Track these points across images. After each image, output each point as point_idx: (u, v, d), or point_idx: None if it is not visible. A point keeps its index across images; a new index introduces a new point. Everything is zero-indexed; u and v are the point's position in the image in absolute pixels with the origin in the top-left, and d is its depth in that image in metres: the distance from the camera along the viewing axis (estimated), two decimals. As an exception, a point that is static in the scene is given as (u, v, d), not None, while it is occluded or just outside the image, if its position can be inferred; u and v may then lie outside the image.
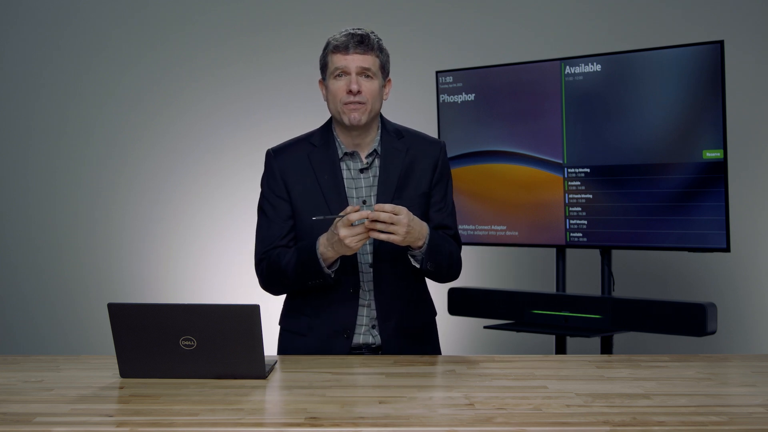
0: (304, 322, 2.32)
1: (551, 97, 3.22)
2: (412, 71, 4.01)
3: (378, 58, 2.25)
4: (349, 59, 2.22)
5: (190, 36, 4.15)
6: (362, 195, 2.30)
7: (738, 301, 3.84)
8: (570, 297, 3.20)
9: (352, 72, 2.22)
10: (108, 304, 1.93)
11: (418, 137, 2.38)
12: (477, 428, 1.56)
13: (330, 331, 2.28)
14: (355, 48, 2.22)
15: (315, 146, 2.33)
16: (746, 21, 3.84)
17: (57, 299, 4.16)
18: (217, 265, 4.06)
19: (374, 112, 2.27)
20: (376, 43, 2.25)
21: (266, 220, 2.33)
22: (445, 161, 2.38)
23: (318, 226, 2.19)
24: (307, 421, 1.59)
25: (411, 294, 2.35)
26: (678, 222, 3.00)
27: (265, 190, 2.36)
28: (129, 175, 4.17)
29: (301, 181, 2.31)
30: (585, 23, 3.96)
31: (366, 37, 2.23)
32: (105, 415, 1.66)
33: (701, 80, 2.95)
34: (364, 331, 2.29)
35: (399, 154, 2.31)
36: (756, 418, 1.61)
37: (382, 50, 2.27)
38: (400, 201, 2.25)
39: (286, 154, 2.35)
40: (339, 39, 2.24)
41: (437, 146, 2.38)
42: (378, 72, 2.26)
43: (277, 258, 2.28)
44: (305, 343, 2.30)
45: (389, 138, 2.33)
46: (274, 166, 2.34)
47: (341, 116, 2.25)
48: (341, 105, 2.24)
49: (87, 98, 4.17)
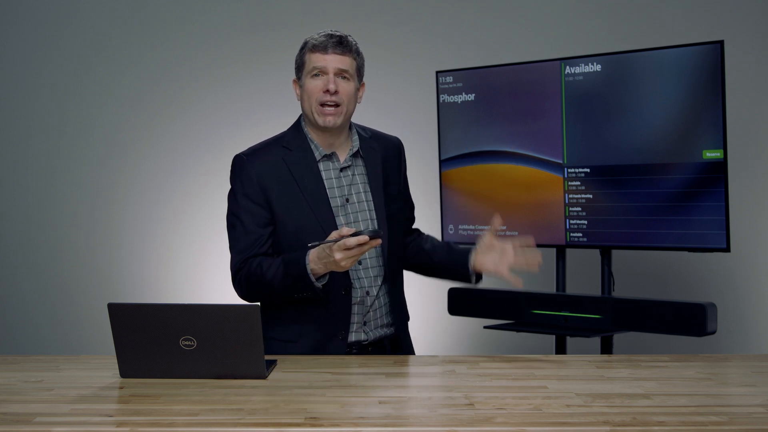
0: (294, 330, 2.28)
1: (551, 97, 3.22)
2: (412, 71, 4.01)
3: (355, 60, 2.28)
4: (327, 59, 2.23)
5: (190, 36, 4.15)
6: (344, 194, 2.31)
7: (738, 301, 3.84)
8: (570, 297, 3.20)
9: (330, 72, 2.24)
10: (108, 304, 1.93)
11: (381, 136, 2.44)
12: (477, 428, 1.56)
13: (323, 333, 2.27)
14: (333, 48, 2.23)
15: (289, 149, 2.30)
16: (746, 21, 3.84)
17: (57, 299, 4.15)
18: (217, 265, 4.04)
19: (349, 114, 2.29)
20: (354, 46, 2.28)
21: (242, 228, 2.28)
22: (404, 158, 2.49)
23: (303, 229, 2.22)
24: (307, 421, 1.59)
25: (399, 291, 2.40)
26: (678, 222, 3.00)
27: (239, 197, 2.30)
28: (129, 175, 4.17)
29: (281, 185, 2.27)
30: (585, 23, 3.96)
31: (344, 39, 2.26)
32: (105, 415, 1.67)
33: (701, 80, 2.95)
34: (356, 329, 2.30)
35: (376, 154, 2.37)
36: (756, 418, 1.61)
37: (359, 53, 2.30)
38: (388, 198, 2.34)
39: (260, 158, 2.30)
40: (317, 39, 2.25)
41: (399, 143, 2.47)
42: (354, 74, 2.28)
43: (259, 268, 2.23)
44: (296, 349, 2.27)
45: (363, 138, 2.38)
46: (250, 172, 2.29)
47: (315, 117, 2.26)
48: (316, 105, 2.25)
49: (87, 98, 4.17)
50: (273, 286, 2.22)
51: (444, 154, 3.46)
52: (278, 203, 2.28)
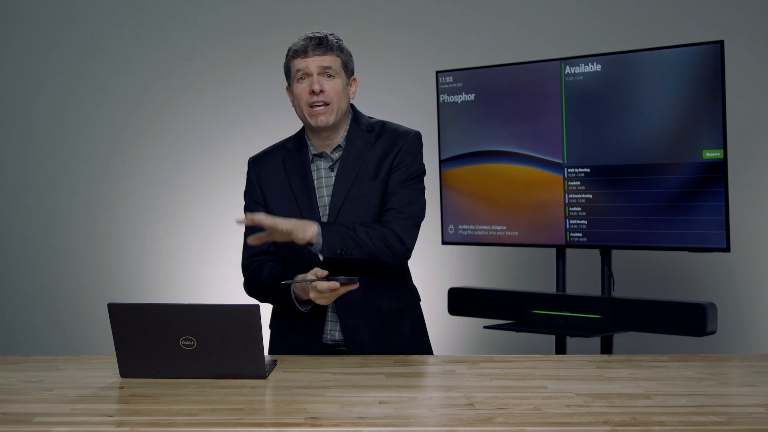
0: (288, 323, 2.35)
1: (551, 97, 3.22)
2: (412, 71, 4.01)
3: (339, 57, 2.29)
4: (309, 61, 2.26)
5: (190, 36, 4.15)
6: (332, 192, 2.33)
7: (738, 301, 3.84)
8: (570, 297, 3.20)
9: (313, 73, 2.26)
10: (108, 304, 1.93)
11: (389, 129, 2.37)
12: (477, 428, 1.56)
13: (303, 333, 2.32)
14: (314, 50, 2.26)
15: (289, 151, 2.39)
16: (746, 21, 3.84)
17: (57, 299, 4.16)
18: (217, 265, 4.06)
19: (341, 112, 2.30)
20: (335, 44, 2.29)
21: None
22: (409, 150, 2.34)
23: None
24: (307, 421, 1.59)
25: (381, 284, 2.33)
26: (678, 222, 3.00)
27: (245, 197, 2.44)
28: (129, 175, 4.17)
29: (276, 186, 2.37)
30: (585, 23, 3.96)
31: (324, 39, 2.28)
32: (105, 415, 1.67)
33: (701, 80, 2.95)
34: (339, 327, 2.32)
35: (363, 146, 2.33)
36: (756, 418, 1.61)
37: (342, 50, 2.30)
38: (356, 188, 2.29)
39: (263, 161, 2.42)
40: (298, 44, 2.29)
41: (405, 136, 2.35)
42: (340, 71, 2.29)
43: (259, 272, 2.33)
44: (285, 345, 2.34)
45: (357, 132, 2.34)
46: (251, 175, 2.42)
47: (308, 119, 2.29)
48: (306, 107, 2.28)
49: (87, 98, 4.17)
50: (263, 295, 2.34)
51: (444, 154, 3.46)
52: (272, 203, 2.37)
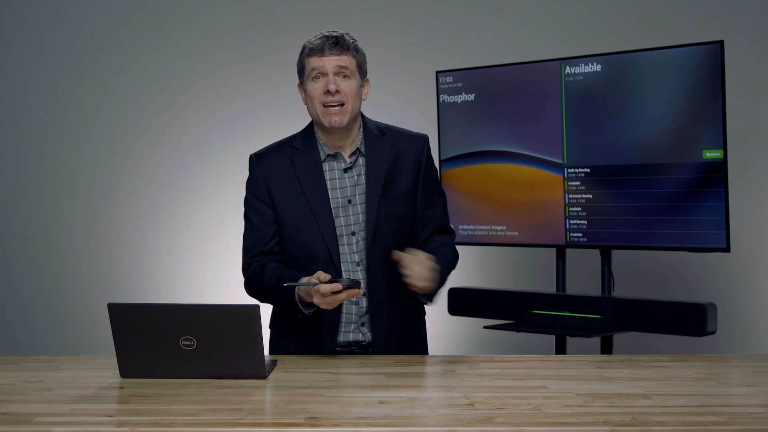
0: (290, 324, 2.31)
1: (551, 97, 3.22)
2: (412, 71, 4.01)
3: (354, 57, 2.27)
4: (325, 60, 2.24)
5: (190, 36, 4.15)
6: (347, 195, 2.31)
7: (738, 301, 3.84)
8: (570, 297, 3.20)
9: (329, 72, 2.24)
10: (108, 304, 1.93)
11: (400, 133, 2.38)
12: (477, 428, 1.56)
13: (315, 333, 2.28)
14: (330, 49, 2.24)
15: (297, 149, 2.34)
16: (746, 21, 3.84)
17: (57, 299, 4.15)
18: (217, 265, 4.06)
19: (354, 113, 2.28)
20: (352, 44, 2.28)
21: (250, 227, 2.34)
22: (428, 155, 2.39)
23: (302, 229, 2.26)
24: (307, 421, 1.59)
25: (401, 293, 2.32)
26: (678, 222, 3.00)
27: (248, 195, 2.37)
28: (129, 175, 4.17)
29: (284, 184, 2.32)
30: (585, 23, 3.96)
31: (341, 39, 2.26)
32: (105, 415, 1.67)
33: (701, 80, 2.95)
34: (353, 329, 2.30)
35: (383, 152, 2.32)
36: (756, 418, 1.61)
37: (358, 50, 2.29)
38: (387, 199, 2.29)
39: (268, 158, 2.36)
40: (314, 42, 2.26)
41: (420, 141, 2.38)
42: (355, 71, 2.27)
43: (261, 274, 2.28)
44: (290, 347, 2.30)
45: (372, 137, 2.34)
46: (256, 171, 2.35)
47: (321, 119, 2.27)
48: (320, 106, 2.26)
49: (87, 98, 4.17)
50: (266, 297, 2.29)
51: (444, 154, 3.46)
52: (280, 202, 2.32)
